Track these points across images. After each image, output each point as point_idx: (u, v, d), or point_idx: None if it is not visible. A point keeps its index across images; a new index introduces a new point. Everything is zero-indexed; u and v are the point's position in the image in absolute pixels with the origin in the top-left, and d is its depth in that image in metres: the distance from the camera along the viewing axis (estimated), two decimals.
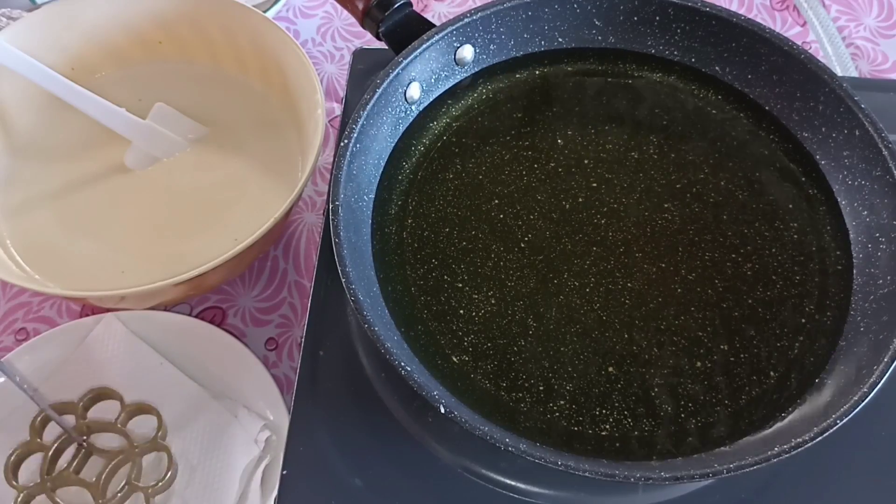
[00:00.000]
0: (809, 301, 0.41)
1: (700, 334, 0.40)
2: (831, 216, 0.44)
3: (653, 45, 0.49)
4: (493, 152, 0.46)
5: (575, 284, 0.42)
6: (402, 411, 0.41)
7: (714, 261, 0.43)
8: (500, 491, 0.39)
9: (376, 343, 0.35)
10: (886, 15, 0.66)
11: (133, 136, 0.54)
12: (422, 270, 0.42)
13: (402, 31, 0.47)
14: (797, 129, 0.46)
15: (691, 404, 0.38)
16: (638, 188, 0.45)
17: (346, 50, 0.65)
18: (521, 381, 0.39)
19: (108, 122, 0.53)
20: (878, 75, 0.63)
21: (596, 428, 0.38)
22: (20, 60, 0.49)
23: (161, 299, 0.50)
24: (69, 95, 0.51)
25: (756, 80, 0.47)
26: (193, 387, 0.48)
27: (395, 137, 0.46)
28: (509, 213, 0.44)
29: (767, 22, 0.66)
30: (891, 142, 0.42)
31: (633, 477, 0.33)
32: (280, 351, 0.52)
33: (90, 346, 0.48)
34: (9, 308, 0.53)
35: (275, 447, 0.46)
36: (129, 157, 0.54)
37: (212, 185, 0.54)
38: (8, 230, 0.51)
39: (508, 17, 0.47)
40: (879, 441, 0.40)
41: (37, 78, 0.50)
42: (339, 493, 0.39)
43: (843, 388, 0.37)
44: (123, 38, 0.56)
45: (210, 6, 0.55)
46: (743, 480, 0.39)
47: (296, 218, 0.57)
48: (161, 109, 0.55)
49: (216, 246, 0.49)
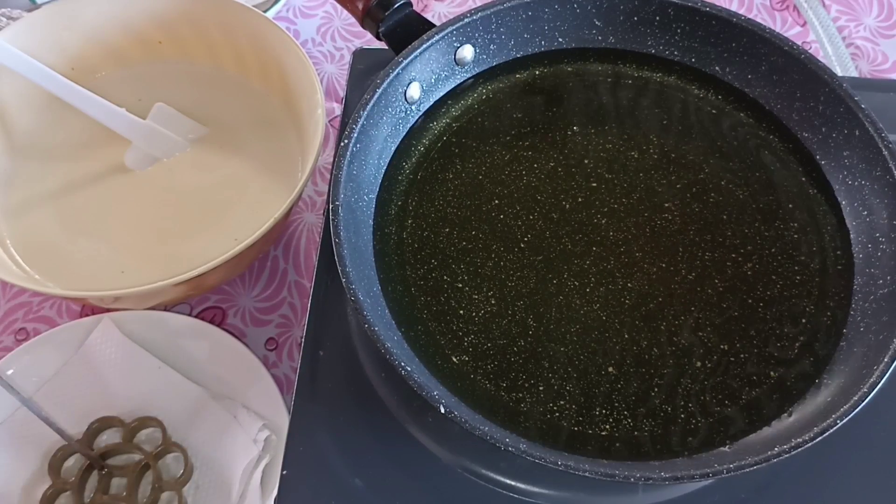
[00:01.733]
0: (809, 301, 0.41)
1: (700, 334, 0.40)
2: (831, 216, 0.44)
3: (653, 45, 0.49)
4: (493, 152, 0.46)
5: (575, 284, 0.42)
6: (402, 411, 0.41)
7: (714, 261, 0.43)
8: (500, 491, 0.39)
9: (376, 343, 0.35)
10: (886, 15, 0.66)
11: (133, 136, 0.54)
12: (422, 270, 0.42)
13: (402, 31, 0.47)
14: (797, 129, 0.46)
15: (691, 404, 0.38)
16: (638, 188, 0.45)
17: (346, 50, 0.65)
18: (522, 381, 0.39)
19: (109, 123, 0.53)
20: (878, 75, 0.63)
21: (596, 428, 0.38)
22: (20, 60, 0.49)
23: (161, 299, 0.50)
24: (69, 95, 0.51)
25: (756, 80, 0.47)
26: (192, 388, 0.48)
27: (395, 138, 0.46)
28: (509, 213, 0.44)
29: (767, 22, 0.66)
30: (891, 142, 0.42)
31: (633, 477, 0.33)
32: (280, 351, 0.52)
33: (88, 351, 0.48)
34: (9, 308, 0.53)
35: (275, 447, 0.46)
36: (129, 157, 0.54)
37: (212, 186, 0.54)
38: (8, 230, 0.51)
39: (508, 17, 0.47)
40: (879, 441, 0.40)
41: (37, 78, 0.50)
42: (339, 493, 0.39)
43: (843, 388, 0.37)
44: (123, 38, 0.56)
45: (210, 6, 0.55)
46: (743, 480, 0.39)
47: (296, 218, 0.57)
48: (161, 109, 0.55)
49: (216, 246, 0.49)
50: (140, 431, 0.48)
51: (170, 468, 0.47)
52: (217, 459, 0.46)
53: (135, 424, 0.47)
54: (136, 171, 0.54)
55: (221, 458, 0.46)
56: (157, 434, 0.47)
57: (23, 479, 0.46)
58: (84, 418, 0.47)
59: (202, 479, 0.46)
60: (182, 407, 0.47)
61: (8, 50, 0.49)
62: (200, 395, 0.48)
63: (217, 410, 0.47)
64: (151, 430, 0.48)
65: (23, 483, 0.46)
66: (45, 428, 0.46)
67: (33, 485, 0.46)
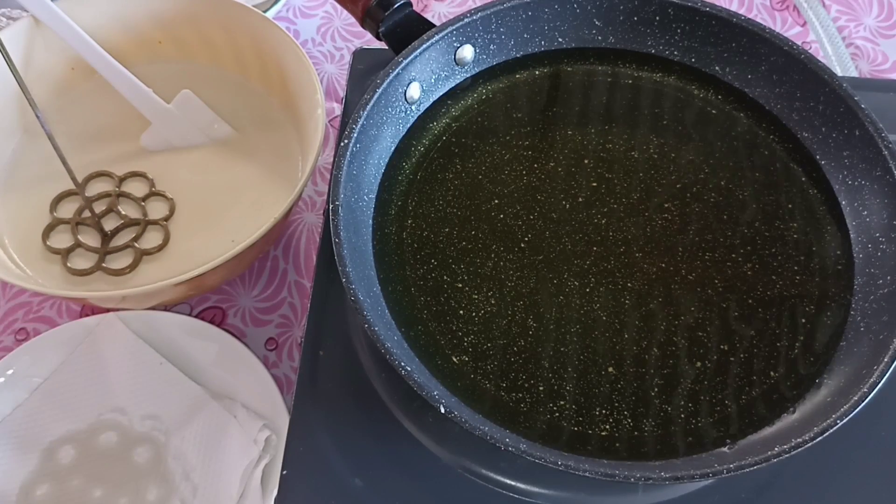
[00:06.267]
0: (809, 301, 0.41)
1: (700, 334, 0.40)
2: (831, 216, 0.44)
3: (653, 45, 0.49)
4: (493, 152, 0.46)
5: (575, 284, 0.42)
6: (402, 411, 0.41)
7: (714, 261, 0.43)
8: (500, 491, 0.39)
9: (376, 343, 0.35)
10: (886, 15, 0.66)
11: (154, 117, 0.54)
12: (422, 270, 0.42)
13: (402, 31, 0.47)
14: (797, 129, 0.46)
15: (691, 404, 0.38)
16: (638, 188, 0.45)
17: (346, 50, 0.65)
18: (521, 381, 0.39)
19: (133, 100, 0.54)
20: (878, 75, 0.63)
21: (596, 428, 0.38)
22: (61, 22, 0.51)
23: (161, 299, 0.50)
24: (104, 67, 0.52)
25: (756, 80, 0.47)
26: (193, 386, 0.48)
27: (395, 138, 0.46)
28: (509, 213, 0.44)
29: (767, 22, 0.66)
30: (891, 142, 0.42)
31: (633, 477, 0.33)
32: (280, 351, 0.52)
33: (91, 345, 0.48)
34: (9, 308, 0.53)
35: (275, 447, 0.46)
36: (146, 137, 0.55)
37: (211, 185, 0.54)
38: (8, 230, 0.51)
39: (508, 17, 0.47)
40: (879, 441, 0.40)
41: (76, 43, 0.51)
42: (339, 493, 0.39)
43: (843, 388, 0.37)
44: (123, 38, 0.56)
45: (210, 6, 0.55)
46: (743, 480, 0.39)
47: (296, 218, 0.57)
48: (186, 96, 0.55)
49: (216, 246, 0.49)
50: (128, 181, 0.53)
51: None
52: (217, 459, 0.46)
53: (125, 176, 0.53)
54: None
55: (221, 457, 0.46)
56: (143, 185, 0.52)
57: (20, 479, 0.46)
58: (85, 412, 0.47)
59: (202, 479, 0.46)
60: (181, 404, 0.47)
61: (50, 9, 0.50)
62: (200, 395, 0.48)
63: (217, 410, 0.47)
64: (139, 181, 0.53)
65: (20, 482, 0.46)
66: (43, 427, 0.46)
67: (31, 484, 0.46)
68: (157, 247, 0.51)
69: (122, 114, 0.55)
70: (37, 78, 0.53)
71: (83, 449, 0.47)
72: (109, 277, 0.50)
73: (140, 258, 0.50)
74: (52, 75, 0.55)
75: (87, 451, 0.47)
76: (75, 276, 0.49)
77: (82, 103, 0.57)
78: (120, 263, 0.50)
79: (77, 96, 0.57)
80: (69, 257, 0.50)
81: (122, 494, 0.46)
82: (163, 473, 0.46)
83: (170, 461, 0.47)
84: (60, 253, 0.50)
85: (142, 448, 0.47)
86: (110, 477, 0.46)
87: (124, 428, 0.47)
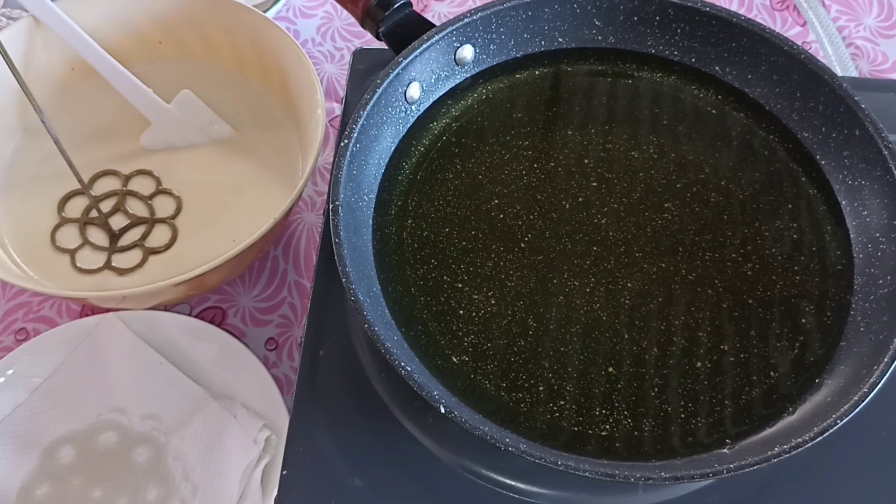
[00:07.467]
0: (809, 301, 0.41)
1: (700, 334, 0.40)
2: (831, 216, 0.44)
3: (653, 45, 0.49)
4: (493, 152, 0.46)
5: (575, 284, 0.42)
6: (402, 411, 0.41)
7: (714, 261, 0.43)
8: (500, 491, 0.39)
9: (376, 343, 0.35)
10: (886, 15, 0.66)
11: (154, 117, 0.54)
12: (422, 270, 0.42)
13: (402, 31, 0.47)
14: (797, 129, 0.46)
15: (691, 404, 0.38)
16: (638, 188, 0.45)
17: (346, 50, 0.65)
18: (522, 381, 0.39)
19: (133, 100, 0.54)
20: (878, 75, 0.63)
21: (596, 428, 0.38)
22: (62, 23, 0.51)
23: (161, 299, 0.50)
24: (104, 67, 0.52)
25: (756, 80, 0.47)
26: (193, 386, 0.48)
27: (395, 138, 0.46)
28: (509, 213, 0.44)
29: (767, 22, 0.66)
30: (891, 142, 0.42)
31: (633, 477, 0.33)
32: (280, 351, 0.52)
33: (91, 345, 0.48)
34: (9, 308, 0.53)
35: (275, 447, 0.46)
36: (146, 137, 0.55)
37: (211, 185, 0.54)
38: (8, 230, 0.51)
39: (508, 17, 0.47)
40: (879, 441, 0.40)
41: (76, 44, 0.51)
42: (339, 493, 0.39)
43: (843, 388, 0.37)
44: (123, 38, 0.56)
45: (210, 6, 0.55)
46: (743, 480, 0.39)
47: (296, 218, 0.57)
48: (186, 96, 0.55)
49: (216, 246, 0.49)
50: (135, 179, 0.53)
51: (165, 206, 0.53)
52: (217, 459, 0.46)
53: (132, 174, 0.53)
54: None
55: (221, 457, 0.46)
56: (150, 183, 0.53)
57: (20, 479, 0.46)
58: (85, 412, 0.47)
59: (202, 479, 0.46)
60: (181, 404, 0.47)
61: (50, 9, 0.50)
62: (200, 395, 0.48)
63: (217, 410, 0.47)
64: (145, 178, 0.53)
65: (20, 482, 0.46)
66: (43, 427, 0.46)
67: (31, 484, 0.46)
68: (164, 245, 0.51)
69: (122, 114, 0.55)
70: (37, 78, 0.53)
71: (83, 449, 0.47)
72: (117, 276, 0.50)
73: (147, 257, 0.50)
74: (52, 75, 0.55)
75: (86, 451, 0.47)
76: (83, 275, 0.49)
77: (82, 103, 0.57)
78: (128, 262, 0.50)
79: (77, 96, 0.57)
80: (76, 256, 0.50)
81: (121, 494, 0.46)
82: (163, 473, 0.46)
83: (170, 461, 0.47)
84: (69, 252, 0.50)
85: (142, 448, 0.47)
86: (110, 477, 0.46)
87: (124, 428, 0.47)
